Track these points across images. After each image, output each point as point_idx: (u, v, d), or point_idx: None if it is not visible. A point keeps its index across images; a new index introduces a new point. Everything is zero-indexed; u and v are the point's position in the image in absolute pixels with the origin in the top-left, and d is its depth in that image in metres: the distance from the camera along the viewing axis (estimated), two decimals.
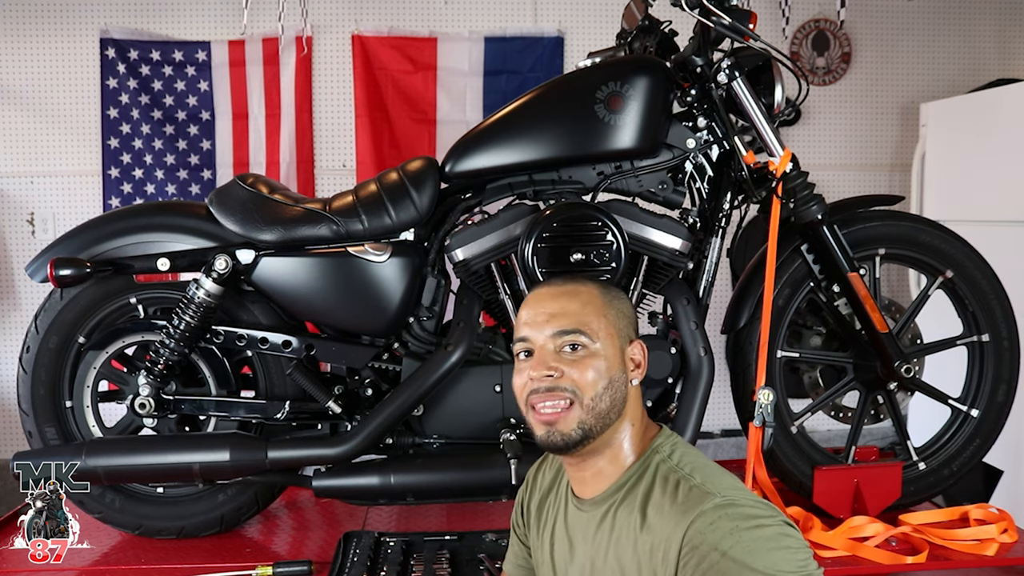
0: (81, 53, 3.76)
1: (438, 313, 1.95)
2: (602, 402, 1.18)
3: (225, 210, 1.91)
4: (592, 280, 1.29)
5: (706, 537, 1.02)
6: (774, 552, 1.01)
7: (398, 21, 3.87)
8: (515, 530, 1.45)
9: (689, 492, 1.09)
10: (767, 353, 1.86)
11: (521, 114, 1.90)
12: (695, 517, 1.04)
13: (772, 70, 1.94)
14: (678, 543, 1.05)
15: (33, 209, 3.81)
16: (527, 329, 1.23)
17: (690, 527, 1.04)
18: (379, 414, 1.85)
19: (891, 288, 3.87)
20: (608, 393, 1.18)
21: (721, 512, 1.04)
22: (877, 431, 3.08)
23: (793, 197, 1.93)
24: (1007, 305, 2.06)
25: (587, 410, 1.17)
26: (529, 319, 1.24)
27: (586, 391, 1.17)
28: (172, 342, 1.88)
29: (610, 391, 1.19)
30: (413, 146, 3.86)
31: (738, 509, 1.04)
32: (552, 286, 1.27)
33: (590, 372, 1.18)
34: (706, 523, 1.03)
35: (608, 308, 1.23)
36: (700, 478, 1.11)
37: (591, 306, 1.22)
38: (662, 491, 1.12)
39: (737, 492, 1.08)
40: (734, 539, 1.01)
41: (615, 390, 1.19)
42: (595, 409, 1.17)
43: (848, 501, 1.95)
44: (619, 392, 1.20)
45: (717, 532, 1.02)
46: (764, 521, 1.04)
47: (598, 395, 1.18)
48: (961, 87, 3.99)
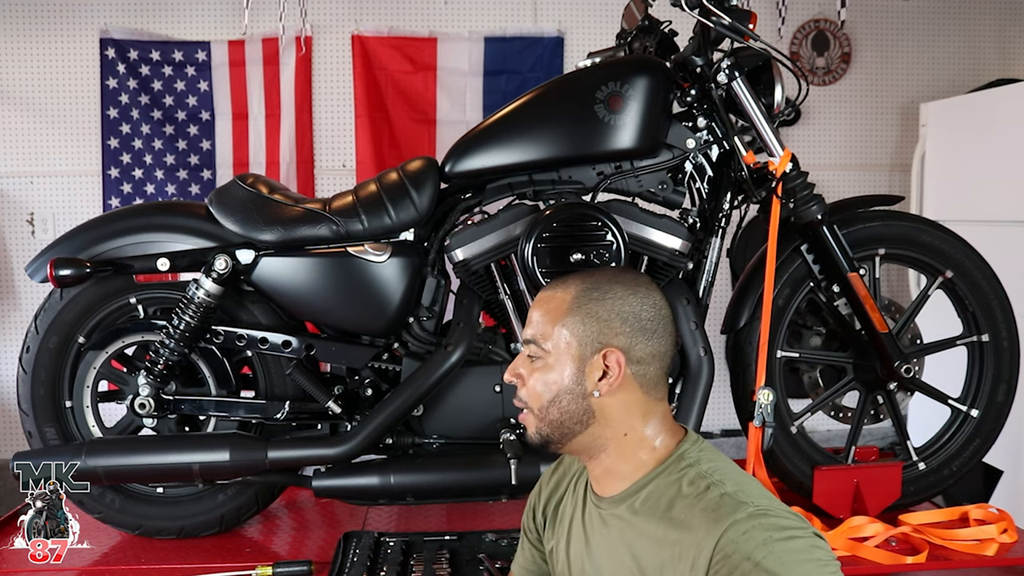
0: (81, 53, 3.76)
1: (438, 313, 1.95)
2: (550, 414, 1.19)
3: (225, 210, 1.91)
4: (580, 280, 1.23)
5: (739, 546, 1.01)
6: (805, 564, 1.01)
7: (398, 21, 3.87)
8: (527, 534, 1.44)
9: (721, 499, 1.07)
10: (767, 353, 1.86)
11: (521, 114, 1.90)
12: (728, 526, 1.03)
13: (772, 70, 1.94)
14: (710, 550, 1.04)
15: (33, 209, 3.81)
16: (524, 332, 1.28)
17: (723, 535, 1.03)
18: (379, 414, 1.86)
19: (891, 288, 3.87)
20: (555, 406, 1.19)
21: (755, 522, 1.03)
22: (877, 431, 3.08)
23: (793, 197, 1.93)
24: (1007, 305, 2.05)
25: (539, 419, 1.21)
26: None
27: (533, 403, 1.21)
28: (172, 342, 1.88)
29: (558, 404, 1.18)
30: (413, 146, 3.86)
31: (771, 520, 1.03)
32: (545, 289, 1.27)
33: (537, 384, 1.20)
34: (739, 532, 1.02)
35: (572, 315, 1.19)
36: (732, 486, 1.09)
37: (553, 314, 1.20)
38: (692, 497, 1.10)
39: (769, 501, 1.08)
40: (767, 549, 1.00)
41: (567, 402, 1.18)
42: (546, 419, 1.20)
43: (848, 501, 1.95)
44: (572, 404, 1.18)
45: (751, 542, 1.01)
46: (797, 533, 1.03)
47: (544, 407, 1.20)
48: (961, 87, 3.99)
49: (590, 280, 1.22)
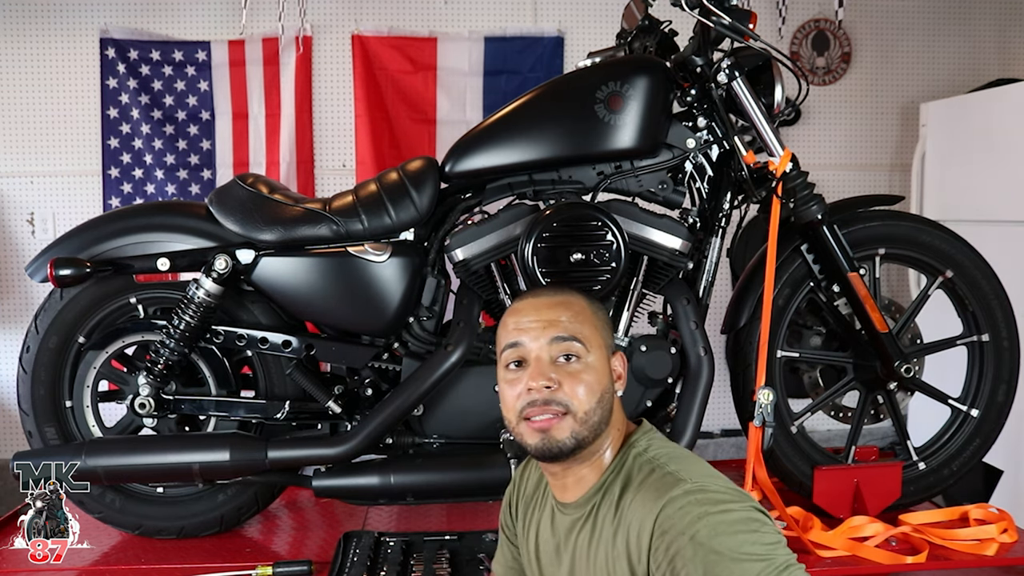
0: (81, 53, 3.76)
1: (438, 313, 1.95)
2: (595, 415, 1.19)
3: (225, 210, 1.91)
4: (576, 290, 1.30)
5: (675, 522, 1.03)
6: (740, 535, 1.01)
7: (398, 21, 3.87)
8: (504, 530, 1.45)
9: (662, 479, 1.10)
10: (767, 353, 1.86)
11: (521, 114, 1.90)
12: (665, 503, 1.05)
13: (772, 70, 1.94)
14: (649, 529, 1.06)
15: (33, 209, 3.81)
16: (519, 335, 1.22)
17: (660, 512, 1.05)
18: (379, 414, 1.85)
19: (891, 288, 3.87)
20: (600, 406, 1.19)
21: (691, 497, 1.04)
22: (877, 431, 3.08)
23: (793, 197, 1.93)
24: (1007, 305, 2.06)
25: (580, 423, 1.18)
26: (521, 325, 1.22)
27: (580, 405, 1.18)
28: (172, 342, 1.88)
29: (601, 404, 1.20)
30: (413, 146, 3.86)
31: (707, 494, 1.05)
32: (540, 296, 1.27)
33: (584, 386, 1.18)
34: (675, 508, 1.04)
35: (595, 319, 1.24)
36: (674, 466, 1.13)
37: (583, 316, 1.23)
38: (637, 481, 1.14)
39: (708, 479, 1.09)
40: (701, 523, 1.01)
41: (605, 402, 1.20)
42: (588, 422, 1.18)
43: (848, 501, 1.95)
44: (608, 404, 1.21)
45: (686, 517, 1.03)
46: (732, 506, 1.04)
47: (591, 409, 1.18)
48: (961, 87, 3.99)
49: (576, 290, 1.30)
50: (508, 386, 1.23)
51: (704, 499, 1.04)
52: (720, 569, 0.99)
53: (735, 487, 1.09)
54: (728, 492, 1.06)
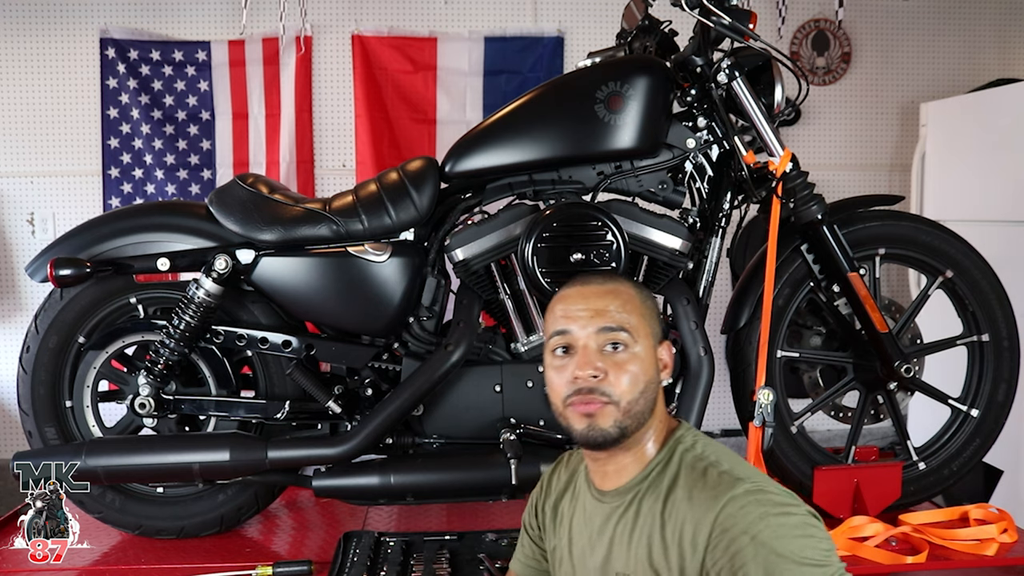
0: (81, 53, 3.76)
1: (438, 313, 1.95)
2: (638, 405, 1.19)
3: (225, 210, 1.91)
4: (626, 279, 1.30)
5: (736, 521, 1.05)
6: (801, 539, 1.04)
7: (398, 21, 3.87)
8: (527, 530, 1.46)
9: (719, 477, 1.11)
10: (767, 353, 1.86)
11: (521, 114, 1.90)
12: (726, 502, 1.07)
13: (772, 70, 1.94)
14: (708, 526, 1.07)
15: (33, 209, 3.81)
16: (567, 323, 1.23)
17: (721, 511, 1.07)
18: (379, 414, 1.85)
19: (891, 288, 3.87)
20: (644, 396, 1.20)
21: (752, 498, 1.06)
22: (877, 431, 3.08)
23: (793, 197, 1.93)
24: (1007, 305, 2.05)
25: (624, 413, 1.18)
26: (570, 313, 1.23)
27: (624, 395, 1.18)
28: (172, 342, 1.88)
29: (646, 394, 1.20)
30: (413, 146, 3.86)
31: (768, 496, 1.07)
32: (591, 284, 1.27)
33: (629, 376, 1.19)
34: (737, 507, 1.06)
35: (644, 308, 1.25)
36: (727, 465, 1.14)
37: (631, 305, 1.23)
38: (690, 478, 1.15)
39: (764, 480, 1.11)
40: (763, 524, 1.03)
41: (650, 392, 1.21)
42: (631, 412, 1.19)
43: (848, 501, 1.95)
44: (653, 394, 1.22)
45: (748, 517, 1.05)
46: (792, 509, 1.06)
47: (635, 399, 1.19)
48: (961, 87, 3.99)
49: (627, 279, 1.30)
50: (555, 372, 1.24)
51: (765, 500, 1.06)
52: (782, 572, 1.01)
53: (788, 490, 1.11)
54: (785, 495, 1.08)
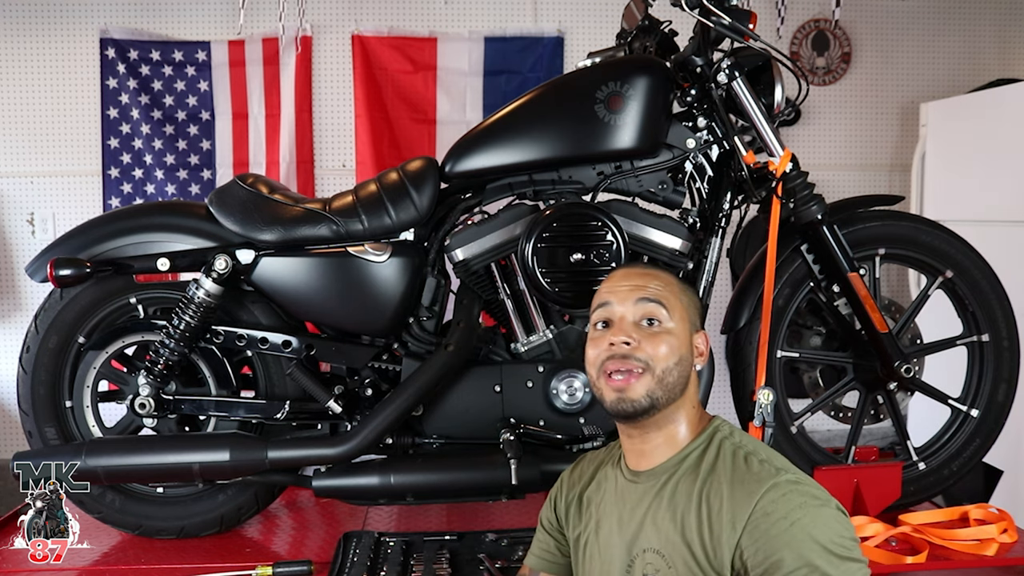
0: (81, 53, 3.76)
1: (438, 313, 1.95)
2: (671, 375, 1.25)
3: (225, 210, 1.91)
4: (667, 270, 1.40)
5: (778, 506, 1.11)
6: (836, 531, 1.10)
7: (398, 21, 3.87)
8: (543, 525, 1.49)
9: (760, 466, 1.17)
10: (767, 353, 1.86)
11: (521, 114, 1.90)
12: (769, 487, 1.13)
13: (772, 70, 1.94)
14: (749, 509, 1.12)
15: (33, 209, 3.81)
16: (608, 295, 1.31)
17: (764, 496, 1.12)
18: (379, 414, 1.85)
19: (891, 288, 3.87)
20: (678, 368, 1.26)
21: (793, 487, 1.13)
22: (877, 431, 3.08)
23: (793, 197, 1.93)
24: (1007, 305, 2.05)
25: (657, 380, 1.24)
26: (615, 287, 1.31)
27: (658, 363, 1.24)
28: (172, 342, 1.88)
29: (679, 367, 1.26)
30: (413, 146, 3.86)
31: (806, 488, 1.14)
32: (634, 266, 1.39)
33: (663, 346, 1.25)
34: (779, 494, 1.12)
35: (683, 295, 1.33)
36: (766, 455, 1.21)
37: (671, 288, 1.31)
38: (731, 463, 1.20)
39: (801, 473, 1.18)
40: (803, 512, 1.10)
41: (684, 367, 1.27)
42: (664, 381, 1.24)
43: (848, 501, 1.94)
44: (686, 370, 1.28)
45: (789, 504, 1.11)
46: (828, 502, 1.13)
47: (668, 369, 1.25)
48: (961, 87, 3.99)
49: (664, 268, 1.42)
50: (592, 345, 1.30)
51: (804, 491, 1.13)
52: (816, 559, 1.07)
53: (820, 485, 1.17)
54: (820, 489, 1.15)
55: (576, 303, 1.84)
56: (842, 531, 1.11)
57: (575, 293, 1.82)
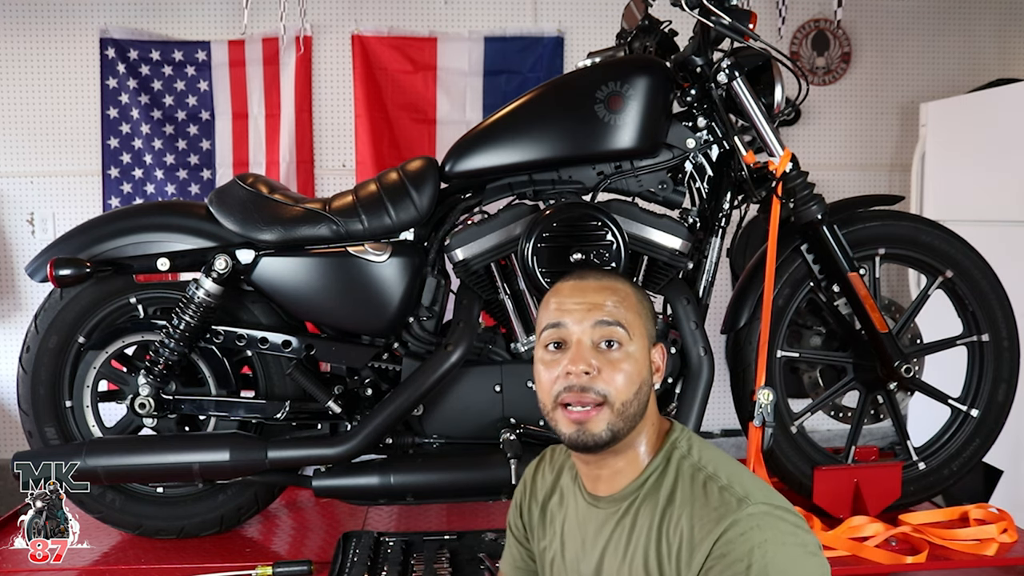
0: (81, 53, 3.76)
1: (438, 313, 1.95)
2: (631, 407, 1.16)
3: (225, 210, 1.91)
4: (623, 278, 1.26)
5: (735, 547, 1.03)
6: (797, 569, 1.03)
7: (398, 21, 3.87)
8: (512, 531, 1.43)
9: (720, 495, 1.09)
10: (767, 353, 1.86)
11: (521, 114, 1.90)
12: (728, 525, 1.05)
13: (772, 70, 1.94)
14: (707, 549, 1.05)
15: (33, 209, 3.81)
16: (561, 316, 1.18)
17: (722, 535, 1.05)
18: (379, 414, 1.85)
19: (891, 288, 3.87)
20: (638, 398, 1.17)
21: (754, 523, 1.04)
22: (877, 431, 3.08)
23: (793, 197, 1.93)
24: (1007, 305, 2.05)
25: (617, 414, 1.15)
26: (565, 306, 1.19)
27: (618, 396, 1.15)
28: (172, 342, 1.88)
29: (639, 396, 1.17)
30: (413, 146, 3.86)
31: (770, 521, 1.05)
32: (587, 279, 1.22)
33: (623, 376, 1.15)
34: (738, 532, 1.04)
35: (640, 307, 1.21)
36: (726, 477, 1.12)
37: (628, 303, 1.19)
38: (689, 491, 1.12)
39: (764, 493, 1.09)
40: (761, 553, 1.02)
41: (643, 394, 1.18)
42: (625, 414, 1.15)
43: (848, 501, 1.95)
44: (645, 396, 1.19)
45: (748, 543, 1.03)
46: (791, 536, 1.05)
47: (629, 401, 1.15)
48: (961, 87, 3.99)
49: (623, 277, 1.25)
50: (545, 368, 1.19)
51: (767, 525, 1.04)
52: None
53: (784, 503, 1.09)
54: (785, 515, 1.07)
55: None
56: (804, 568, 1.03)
57: None
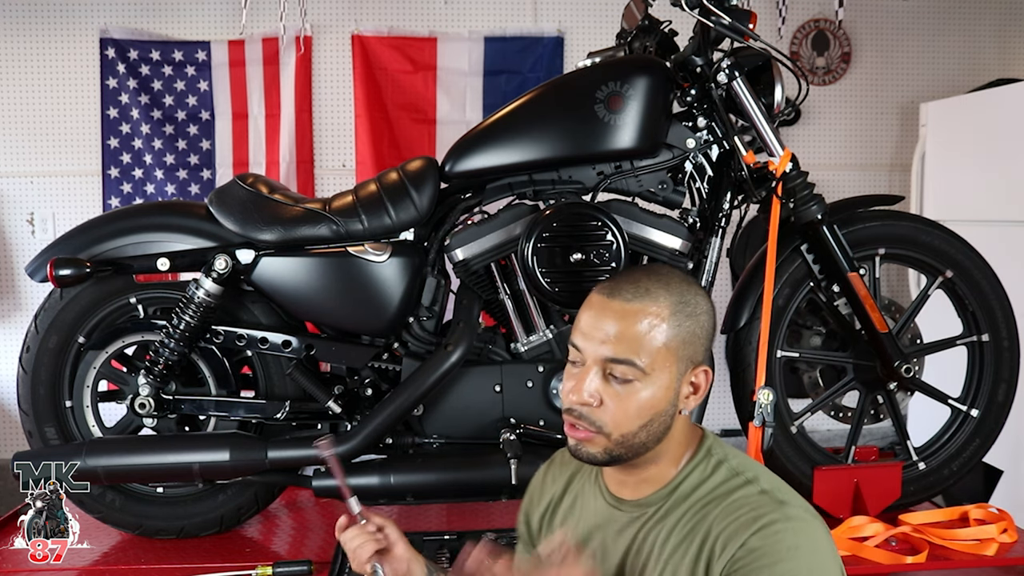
0: (81, 53, 3.76)
1: (438, 313, 1.95)
2: (636, 438, 1.11)
3: (225, 210, 1.91)
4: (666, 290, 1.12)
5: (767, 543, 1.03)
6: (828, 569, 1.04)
7: (398, 21, 3.87)
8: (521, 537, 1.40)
9: (760, 497, 1.08)
10: (767, 353, 1.86)
11: (521, 114, 1.90)
12: (766, 523, 1.04)
13: (772, 70, 1.94)
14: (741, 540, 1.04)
15: (33, 209, 3.81)
16: (580, 339, 1.14)
17: (760, 531, 1.04)
18: (379, 414, 1.85)
19: (891, 288, 3.87)
20: (645, 430, 1.11)
21: (790, 527, 1.04)
22: (877, 431, 3.08)
23: (793, 197, 1.93)
24: (1007, 305, 2.05)
25: (616, 443, 1.12)
26: (587, 328, 1.13)
27: (617, 428, 1.11)
28: (172, 342, 1.88)
29: (648, 428, 1.11)
30: (413, 146, 3.86)
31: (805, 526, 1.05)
32: (619, 295, 1.12)
33: (625, 413, 1.10)
34: (772, 531, 1.03)
35: (674, 334, 1.11)
36: (766, 483, 1.10)
37: (656, 332, 1.10)
38: (729, 493, 1.10)
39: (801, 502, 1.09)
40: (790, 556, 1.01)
41: (656, 426, 1.12)
42: (626, 443, 1.11)
43: (848, 501, 1.95)
44: (661, 426, 1.12)
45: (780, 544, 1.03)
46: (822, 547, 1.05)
47: (631, 433, 1.11)
48: (961, 87, 3.99)
49: (675, 291, 1.13)
50: (565, 376, 1.17)
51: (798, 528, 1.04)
52: None
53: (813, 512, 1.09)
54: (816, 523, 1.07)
55: (576, 303, 1.82)
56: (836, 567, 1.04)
57: (575, 293, 1.82)
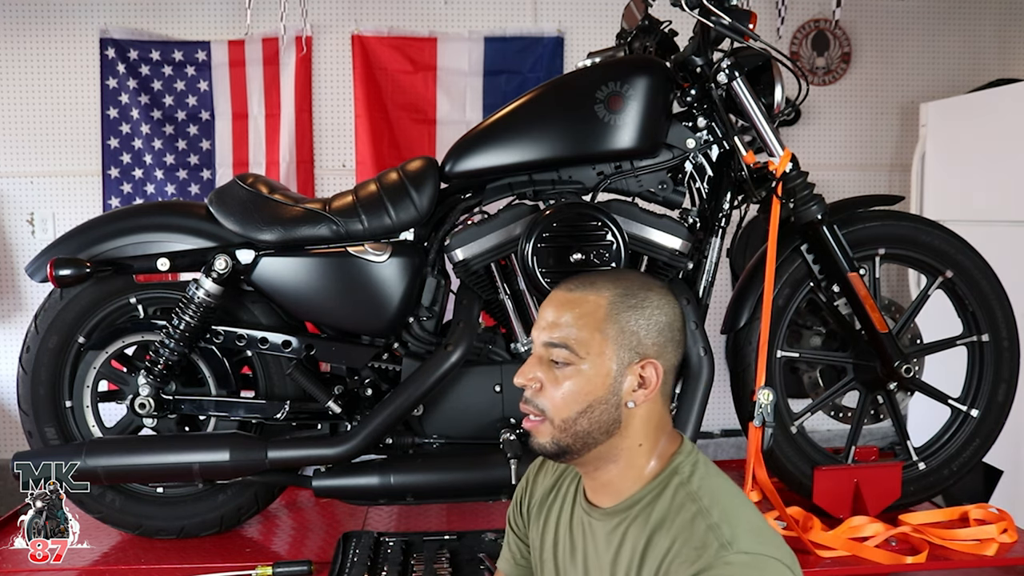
0: (81, 53, 3.76)
1: (438, 313, 1.95)
2: (577, 424, 1.13)
3: (225, 210, 1.91)
4: (611, 283, 1.17)
5: None
6: None
7: (398, 21, 3.87)
8: (512, 527, 1.42)
9: (705, 535, 1.04)
10: (767, 353, 1.86)
11: (521, 114, 1.90)
12: (700, 569, 1.01)
13: (772, 70, 1.94)
14: None
15: (33, 209, 3.81)
16: (534, 329, 1.20)
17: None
18: (379, 414, 1.85)
19: (891, 288, 3.87)
20: (585, 417, 1.13)
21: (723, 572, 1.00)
22: (877, 431, 3.08)
23: (793, 197, 1.93)
24: (1007, 305, 2.05)
25: (559, 430, 1.14)
26: (539, 319, 1.20)
27: (556, 412, 1.14)
28: (172, 342, 1.88)
29: (588, 415, 1.13)
30: (413, 146, 3.86)
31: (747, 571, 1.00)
32: (569, 288, 1.18)
33: (562, 395, 1.13)
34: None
35: (612, 322, 1.13)
36: (717, 515, 1.06)
37: (590, 318, 1.14)
38: (678, 522, 1.08)
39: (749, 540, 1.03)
40: None
41: (597, 413, 1.13)
42: (568, 430, 1.13)
43: (848, 501, 1.95)
44: (604, 415, 1.13)
45: None
46: None
47: (570, 418, 1.13)
48: (961, 87, 3.98)
49: (622, 285, 1.17)
50: None
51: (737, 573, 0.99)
52: None
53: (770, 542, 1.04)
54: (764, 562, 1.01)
55: None
56: None
57: None
